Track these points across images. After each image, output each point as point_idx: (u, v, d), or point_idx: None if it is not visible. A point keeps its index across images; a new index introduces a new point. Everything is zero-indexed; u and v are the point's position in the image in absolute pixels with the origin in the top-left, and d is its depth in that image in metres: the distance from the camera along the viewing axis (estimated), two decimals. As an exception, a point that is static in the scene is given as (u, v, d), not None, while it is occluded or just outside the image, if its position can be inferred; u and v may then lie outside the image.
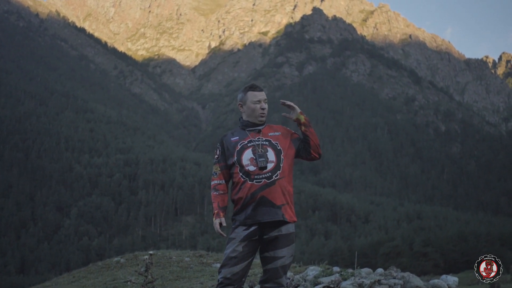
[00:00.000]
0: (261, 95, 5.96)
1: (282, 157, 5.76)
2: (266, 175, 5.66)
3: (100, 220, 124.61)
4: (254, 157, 5.70)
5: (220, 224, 5.82)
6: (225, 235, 5.86)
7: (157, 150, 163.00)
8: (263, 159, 5.68)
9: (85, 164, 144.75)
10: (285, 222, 5.72)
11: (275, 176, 5.68)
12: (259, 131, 5.89)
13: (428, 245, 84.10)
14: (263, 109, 5.92)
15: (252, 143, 5.80)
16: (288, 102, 6.07)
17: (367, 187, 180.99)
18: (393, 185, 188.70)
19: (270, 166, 5.69)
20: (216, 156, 6.03)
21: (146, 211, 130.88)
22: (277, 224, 5.68)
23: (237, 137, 5.93)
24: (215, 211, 5.91)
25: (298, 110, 6.08)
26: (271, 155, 5.74)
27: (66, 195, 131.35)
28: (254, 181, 5.67)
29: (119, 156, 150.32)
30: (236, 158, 5.81)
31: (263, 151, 5.73)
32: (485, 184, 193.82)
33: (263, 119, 5.93)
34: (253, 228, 5.67)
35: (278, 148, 5.80)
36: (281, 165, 5.73)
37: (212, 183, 6.02)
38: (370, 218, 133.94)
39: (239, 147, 5.84)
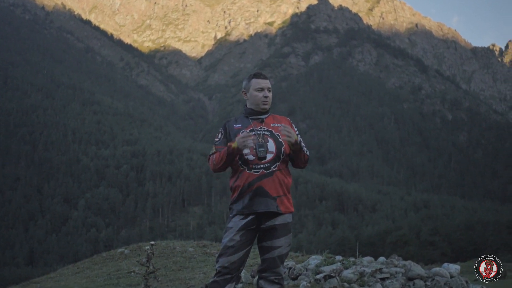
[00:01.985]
0: (265, 83, 5.85)
1: (282, 149, 5.68)
2: (264, 166, 5.60)
3: (107, 212, 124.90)
4: (254, 147, 5.68)
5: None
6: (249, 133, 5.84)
7: (164, 141, 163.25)
8: (263, 149, 5.59)
9: (92, 156, 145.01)
10: (280, 213, 5.65)
11: (274, 167, 5.62)
12: (262, 120, 5.82)
13: (436, 234, 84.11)
14: (265, 97, 5.82)
15: (253, 132, 5.71)
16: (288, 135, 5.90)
17: (374, 176, 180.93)
18: (400, 174, 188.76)
19: (269, 156, 5.61)
20: (216, 139, 5.93)
21: (154, 202, 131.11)
22: (273, 214, 5.62)
23: (240, 125, 5.85)
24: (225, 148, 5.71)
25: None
26: (271, 146, 5.66)
27: (73, 187, 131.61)
28: (252, 170, 5.61)
29: (126, 148, 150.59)
30: None
31: (263, 141, 5.66)
32: (492, 172, 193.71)
33: (266, 107, 5.81)
34: (250, 217, 5.62)
35: (279, 140, 5.70)
36: (281, 156, 5.66)
37: (210, 156, 5.90)
38: (377, 208, 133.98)
39: (240, 135, 5.80)
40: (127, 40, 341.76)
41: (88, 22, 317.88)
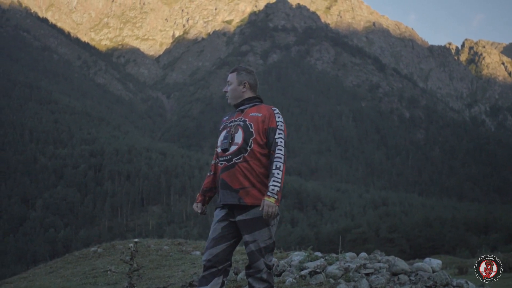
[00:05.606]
0: (228, 77, 5.96)
1: (251, 140, 5.59)
2: (226, 158, 5.58)
3: (66, 212, 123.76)
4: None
5: (197, 207, 5.87)
6: (200, 211, 5.86)
7: (122, 140, 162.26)
8: (226, 141, 5.60)
9: (50, 156, 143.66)
10: (250, 206, 5.54)
11: (237, 159, 5.54)
12: (243, 111, 5.83)
13: (394, 231, 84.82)
14: (225, 92, 5.91)
15: (231, 124, 5.74)
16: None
17: (332, 174, 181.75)
18: (358, 172, 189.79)
19: (232, 148, 5.57)
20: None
21: (112, 201, 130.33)
22: (244, 207, 5.54)
23: (227, 117, 5.92)
24: (198, 194, 5.94)
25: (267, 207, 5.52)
26: (238, 136, 5.61)
27: (31, 187, 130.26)
28: (219, 163, 5.65)
29: (84, 147, 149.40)
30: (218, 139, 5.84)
31: (233, 131, 5.65)
32: (449, 169, 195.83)
33: (228, 101, 5.91)
34: (225, 209, 5.62)
35: (250, 130, 5.63)
36: (248, 148, 5.57)
37: (211, 162, 6.05)
38: (336, 205, 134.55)
39: (221, 127, 5.84)
40: (85, 39, 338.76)
41: (45, 20, 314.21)
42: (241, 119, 5.75)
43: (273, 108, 5.91)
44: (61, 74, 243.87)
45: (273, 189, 5.45)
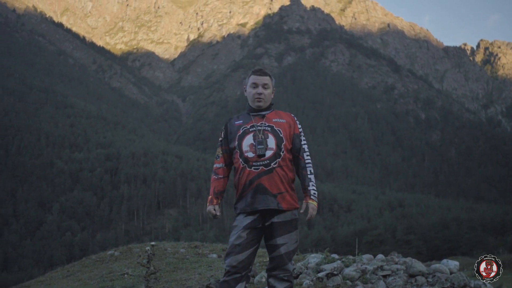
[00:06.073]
0: (261, 79, 5.82)
1: (282, 146, 5.64)
2: (264, 163, 5.58)
3: (82, 215, 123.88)
4: (254, 143, 5.68)
5: (215, 210, 5.86)
6: (218, 214, 5.85)
7: (138, 144, 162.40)
8: (262, 146, 5.58)
9: (66, 160, 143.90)
10: (283, 210, 5.63)
11: (274, 164, 5.59)
12: (263, 116, 5.79)
13: (411, 233, 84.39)
14: (258, 93, 5.78)
15: (254, 128, 5.70)
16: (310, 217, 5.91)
17: (348, 176, 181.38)
18: (374, 173, 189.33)
19: (268, 153, 5.59)
20: (220, 139, 5.93)
21: (129, 205, 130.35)
22: (276, 211, 5.61)
23: (241, 121, 5.83)
24: (210, 197, 5.89)
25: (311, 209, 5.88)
26: (271, 142, 5.63)
27: (47, 191, 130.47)
28: (252, 168, 5.59)
29: (100, 151, 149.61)
30: (237, 143, 5.72)
31: (263, 137, 5.63)
32: (465, 170, 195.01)
33: (260, 104, 5.78)
34: (254, 215, 5.61)
35: (280, 135, 5.68)
36: (281, 153, 5.62)
37: (214, 166, 5.99)
38: (352, 207, 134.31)
39: (241, 131, 5.74)
40: (100, 43, 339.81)
41: (60, 25, 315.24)
42: (265, 124, 5.77)
43: (292, 115, 6.00)
44: (76, 78, 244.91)
45: (314, 193, 5.82)
